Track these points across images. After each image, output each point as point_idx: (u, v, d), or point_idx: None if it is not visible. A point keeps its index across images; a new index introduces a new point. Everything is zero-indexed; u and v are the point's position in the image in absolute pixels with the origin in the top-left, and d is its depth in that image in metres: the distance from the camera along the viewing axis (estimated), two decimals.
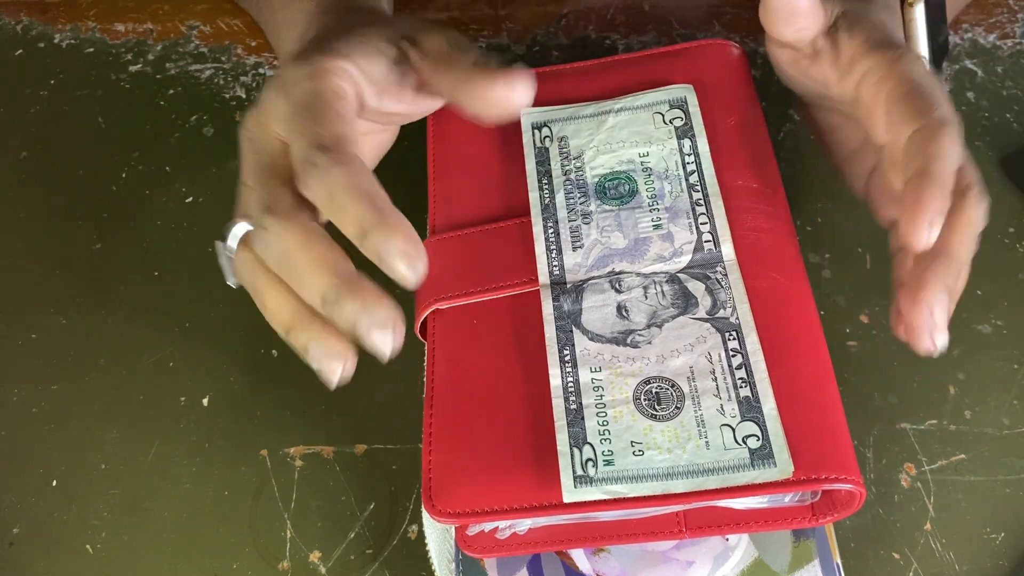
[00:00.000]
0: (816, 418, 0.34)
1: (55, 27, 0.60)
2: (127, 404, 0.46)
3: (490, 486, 0.34)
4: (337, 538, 0.42)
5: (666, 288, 0.37)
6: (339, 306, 0.32)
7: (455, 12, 0.59)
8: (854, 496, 0.34)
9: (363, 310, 0.31)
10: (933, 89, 0.36)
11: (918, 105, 0.35)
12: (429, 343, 0.39)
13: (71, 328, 0.49)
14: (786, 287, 0.37)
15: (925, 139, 0.34)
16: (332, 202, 0.32)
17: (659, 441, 0.33)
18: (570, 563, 0.38)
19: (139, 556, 0.42)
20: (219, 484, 0.44)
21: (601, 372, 0.35)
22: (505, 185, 0.42)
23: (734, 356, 0.35)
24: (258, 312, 0.48)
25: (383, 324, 0.31)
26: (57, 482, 0.44)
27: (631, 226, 0.39)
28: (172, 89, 0.57)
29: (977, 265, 0.47)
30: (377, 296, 0.32)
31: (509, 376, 0.36)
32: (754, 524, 0.36)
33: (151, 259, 0.50)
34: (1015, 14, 0.57)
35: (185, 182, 0.53)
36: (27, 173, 0.54)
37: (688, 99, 0.42)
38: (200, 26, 0.59)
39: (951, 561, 0.41)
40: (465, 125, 0.44)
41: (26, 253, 0.51)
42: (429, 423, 0.36)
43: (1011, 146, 0.52)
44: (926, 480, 0.43)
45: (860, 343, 0.46)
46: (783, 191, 0.40)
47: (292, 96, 0.35)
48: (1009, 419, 0.44)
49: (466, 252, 0.40)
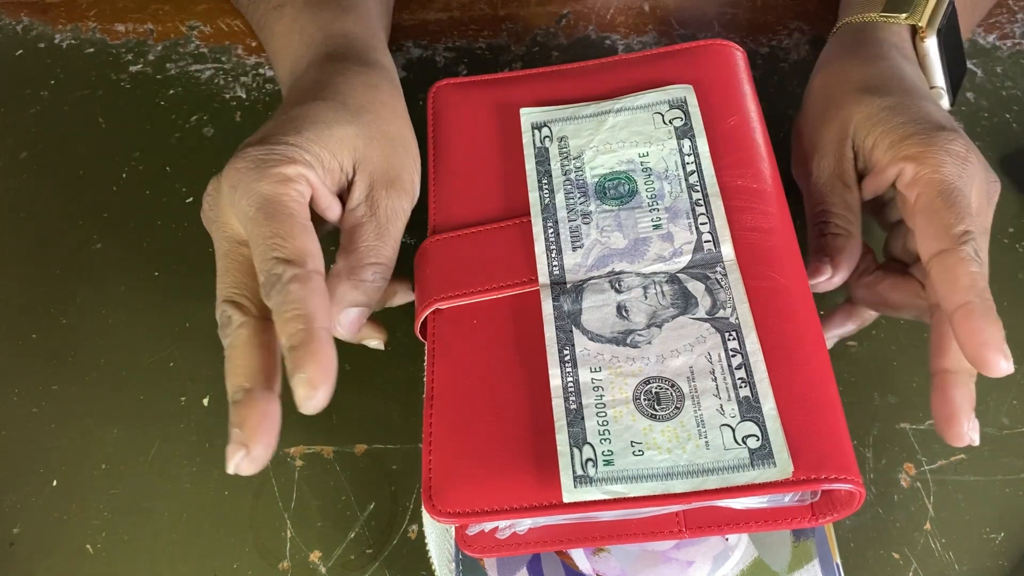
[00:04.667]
0: (816, 418, 0.34)
1: (55, 27, 0.60)
2: (127, 404, 0.46)
3: (490, 486, 0.34)
4: (337, 538, 0.43)
5: (666, 288, 0.37)
6: (233, 407, 0.34)
7: (455, 12, 0.59)
8: (854, 496, 0.34)
9: (238, 424, 0.34)
10: (957, 197, 0.37)
11: (942, 219, 0.37)
12: (429, 343, 0.39)
13: (71, 328, 0.49)
14: (786, 287, 0.37)
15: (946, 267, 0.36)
16: (280, 313, 0.34)
17: (659, 441, 0.33)
18: (570, 563, 0.38)
19: (139, 556, 0.42)
20: (219, 484, 0.44)
21: (601, 372, 0.35)
22: (505, 185, 0.42)
23: (734, 356, 0.35)
24: None
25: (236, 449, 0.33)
26: (57, 482, 0.45)
27: (631, 226, 0.39)
28: (172, 89, 0.57)
29: None
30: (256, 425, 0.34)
31: (509, 376, 0.36)
32: (754, 524, 0.36)
33: (151, 259, 0.50)
34: (1015, 14, 0.57)
35: (185, 182, 0.53)
36: (27, 173, 0.54)
37: (688, 99, 0.42)
38: (200, 26, 0.59)
39: (951, 561, 0.41)
40: (465, 125, 0.44)
41: (26, 253, 0.51)
42: (429, 423, 0.36)
43: (1011, 146, 0.52)
44: (926, 480, 0.43)
45: (860, 343, 0.46)
46: (783, 191, 0.40)
47: (252, 197, 0.36)
48: (1009, 419, 0.44)
49: (466, 252, 0.40)
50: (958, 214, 0.37)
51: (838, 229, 0.41)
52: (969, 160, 0.38)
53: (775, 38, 0.57)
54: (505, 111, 0.44)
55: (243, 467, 0.33)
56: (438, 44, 0.57)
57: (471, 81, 0.46)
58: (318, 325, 0.34)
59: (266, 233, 0.35)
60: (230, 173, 0.37)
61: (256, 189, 0.36)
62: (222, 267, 0.38)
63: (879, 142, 0.40)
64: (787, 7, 0.58)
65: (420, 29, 0.58)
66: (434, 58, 0.57)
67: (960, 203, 0.37)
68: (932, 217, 0.37)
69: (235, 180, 0.37)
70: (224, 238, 0.38)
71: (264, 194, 0.36)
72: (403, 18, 0.59)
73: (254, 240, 0.36)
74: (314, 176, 0.38)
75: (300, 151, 0.38)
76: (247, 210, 0.36)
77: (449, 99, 0.45)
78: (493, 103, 0.44)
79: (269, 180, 0.36)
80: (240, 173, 0.37)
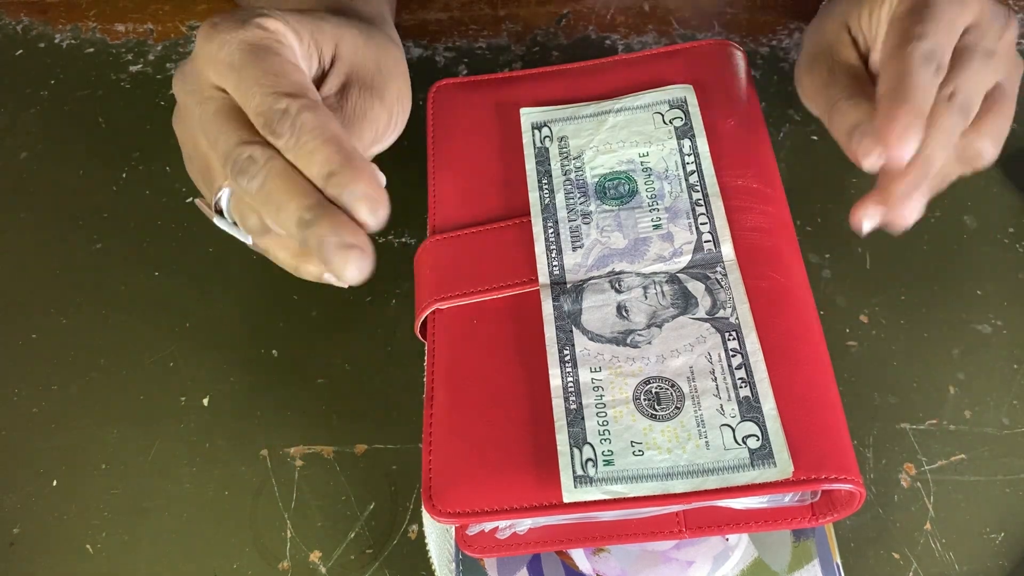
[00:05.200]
0: (816, 418, 0.34)
1: (55, 27, 0.60)
2: (127, 404, 0.46)
3: (490, 486, 0.34)
4: (337, 538, 0.42)
5: (666, 288, 0.37)
6: (313, 227, 0.32)
7: (455, 12, 0.59)
8: (854, 496, 0.34)
9: (333, 231, 0.31)
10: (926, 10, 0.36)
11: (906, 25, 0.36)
12: (429, 343, 0.39)
13: (71, 328, 0.49)
14: (786, 287, 0.37)
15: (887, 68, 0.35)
16: (300, 146, 0.32)
17: (659, 441, 0.33)
18: (570, 563, 0.38)
19: (139, 556, 0.42)
20: (219, 484, 0.44)
21: (601, 372, 0.35)
22: (505, 185, 0.42)
23: (734, 356, 0.35)
24: (258, 312, 0.48)
25: (349, 245, 0.31)
26: (57, 482, 0.44)
27: (631, 226, 0.39)
28: None
29: (977, 265, 0.48)
30: (347, 221, 0.32)
31: (509, 376, 0.36)
32: (754, 524, 0.36)
33: (151, 259, 0.50)
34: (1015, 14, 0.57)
35: (185, 182, 0.53)
36: (27, 173, 0.54)
37: (688, 99, 0.42)
38: (200, 26, 0.59)
39: (951, 561, 0.41)
40: (465, 125, 0.44)
41: (26, 253, 0.51)
42: (429, 423, 0.36)
43: (1011, 146, 0.52)
44: (926, 480, 0.43)
45: (860, 343, 0.46)
46: (783, 191, 0.40)
47: (232, 45, 0.34)
48: (1009, 419, 0.44)
49: (466, 252, 0.40)
50: (921, 22, 0.36)
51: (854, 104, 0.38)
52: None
53: (775, 38, 0.57)
54: (505, 111, 0.44)
55: (364, 265, 0.31)
56: (438, 44, 0.57)
57: (471, 81, 0.46)
58: (349, 145, 0.32)
59: (257, 73, 0.33)
60: (204, 28, 0.35)
61: (238, 36, 0.34)
62: (216, 124, 0.34)
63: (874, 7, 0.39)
64: (787, 7, 0.58)
65: (420, 29, 0.58)
66: (434, 58, 0.57)
67: (927, 14, 0.36)
68: (893, 25, 0.36)
69: (212, 33, 0.34)
70: (208, 98, 0.35)
71: (247, 39, 0.34)
72: (403, 18, 0.59)
73: (245, 83, 0.33)
74: (292, 39, 0.36)
75: (279, 20, 0.36)
76: (231, 57, 0.34)
77: (449, 99, 0.45)
78: (493, 103, 0.44)
79: (250, 28, 0.34)
80: (217, 28, 0.34)
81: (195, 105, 0.36)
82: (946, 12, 0.37)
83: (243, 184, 0.33)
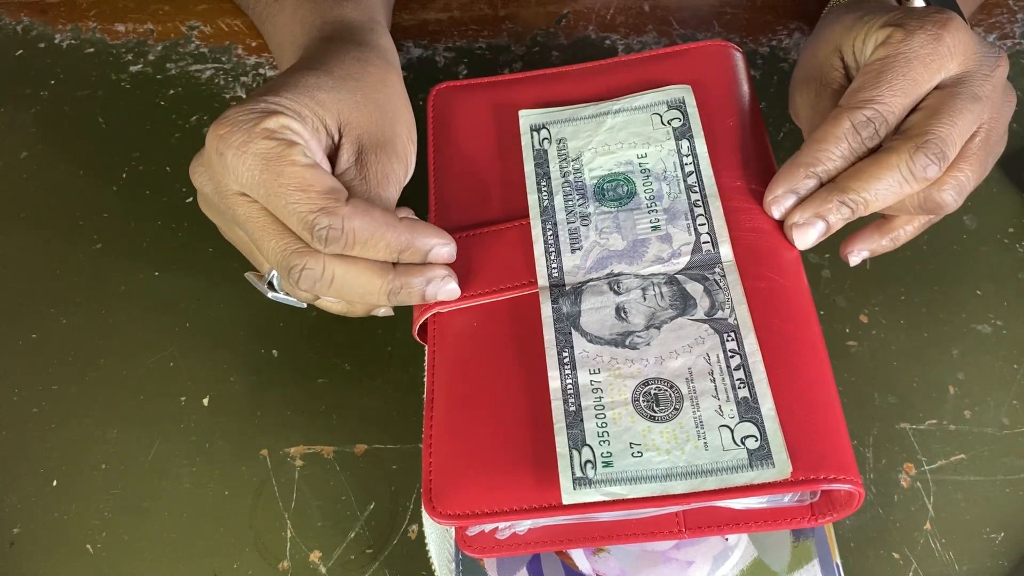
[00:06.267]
0: (815, 418, 0.34)
1: (55, 27, 0.60)
2: (127, 404, 0.46)
3: (490, 487, 0.34)
4: (337, 538, 0.43)
5: (665, 289, 0.37)
6: (400, 294, 0.37)
7: (455, 12, 0.59)
8: (853, 496, 0.34)
9: (423, 280, 0.37)
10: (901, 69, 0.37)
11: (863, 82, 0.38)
12: (429, 345, 0.39)
13: (71, 328, 0.49)
14: (785, 287, 0.37)
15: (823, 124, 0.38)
16: (357, 245, 0.35)
17: (658, 442, 0.33)
18: (570, 563, 0.38)
19: (139, 556, 0.43)
20: (219, 484, 0.44)
21: (600, 374, 0.35)
22: (504, 187, 0.42)
23: (732, 357, 0.35)
24: (258, 312, 0.48)
25: (441, 277, 0.37)
26: (57, 482, 0.45)
27: (629, 228, 0.39)
28: (172, 89, 0.57)
29: (977, 265, 0.48)
30: (423, 266, 0.37)
31: (508, 378, 0.36)
32: (753, 524, 0.36)
33: (151, 259, 0.50)
34: (1015, 14, 0.57)
35: (185, 182, 0.53)
36: (27, 173, 0.54)
37: (686, 100, 0.42)
38: (200, 26, 0.59)
39: (951, 561, 0.41)
40: (465, 128, 0.44)
41: (26, 253, 0.51)
42: (429, 424, 0.36)
43: (1011, 146, 0.52)
44: (926, 480, 0.43)
45: (860, 343, 0.46)
46: None
47: (248, 161, 0.35)
48: (1009, 419, 0.44)
49: (465, 255, 0.40)
50: (877, 85, 0.37)
51: None
52: (941, 39, 0.37)
53: (775, 38, 0.57)
54: (504, 113, 0.44)
55: (456, 284, 0.37)
56: (438, 44, 0.57)
57: (470, 84, 0.46)
58: (395, 217, 0.35)
59: (284, 192, 0.34)
60: (214, 140, 0.36)
61: (249, 151, 0.35)
62: (256, 230, 0.36)
63: (869, 33, 0.39)
64: (787, 7, 0.58)
65: (420, 29, 0.58)
66: (434, 58, 0.57)
67: (888, 77, 0.37)
68: (860, 74, 0.38)
69: (221, 147, 0.35)
70: (235, 203, 0.36)
71: (260, 153, 0.35)
72: (403, 18, 0.59)
73: (275, 201, 0.35)
74: (298, 126, 0.37)
75: (280, 107, 0.37)
76: (250, 174, 0.35)
77: (449, 102, 0.45)
78: (492, 105, 0.44)
79: (257, 138, 0.35)
80: (224, 140, 0.35)
81: (219, 201, 0.38)
82: (909, 74, 0.37)
83: (306, 288, 0.36)
